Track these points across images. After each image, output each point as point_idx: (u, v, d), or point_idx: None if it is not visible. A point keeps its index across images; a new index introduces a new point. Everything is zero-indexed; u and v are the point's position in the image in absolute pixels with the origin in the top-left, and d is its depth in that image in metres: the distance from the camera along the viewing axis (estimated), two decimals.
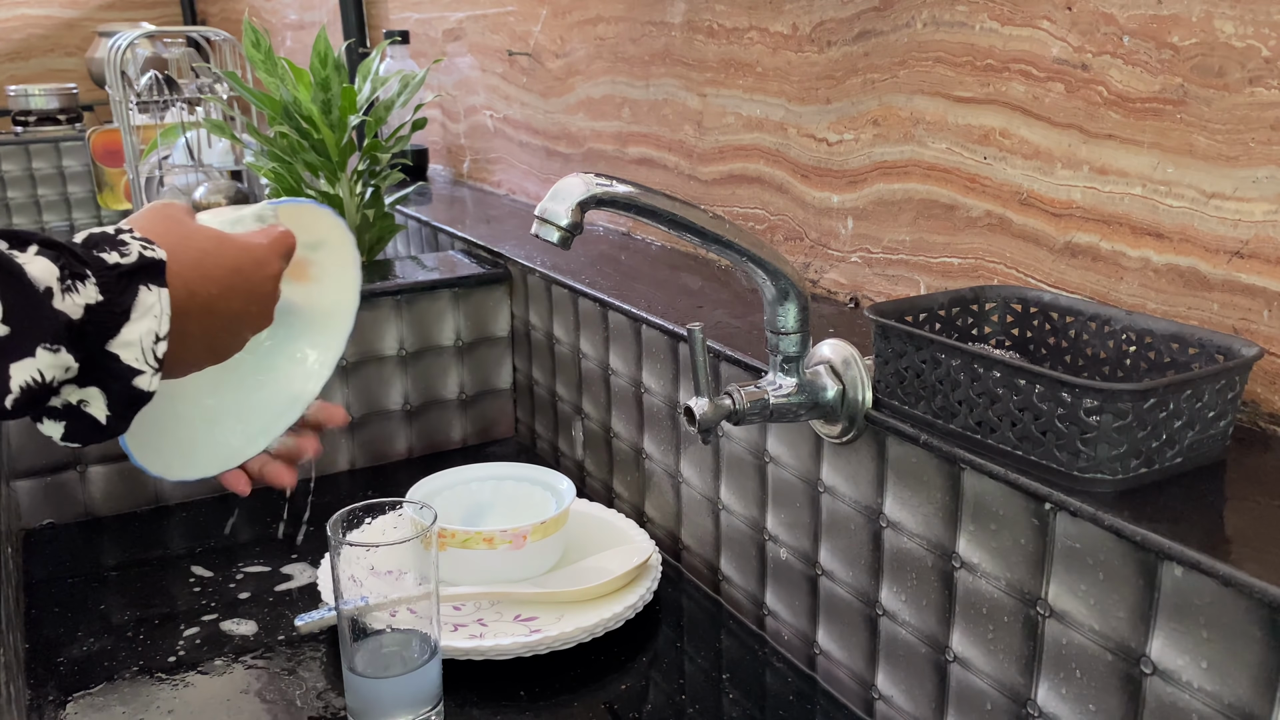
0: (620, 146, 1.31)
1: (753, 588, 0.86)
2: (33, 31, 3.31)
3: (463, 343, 1.22)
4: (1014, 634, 0.61)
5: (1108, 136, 0.71)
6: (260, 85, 1.29)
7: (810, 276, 1.00)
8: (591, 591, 0.86)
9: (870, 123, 0.90)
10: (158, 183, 1.79)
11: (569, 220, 0.61)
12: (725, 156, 1.11)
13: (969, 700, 0.66)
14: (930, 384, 0.64)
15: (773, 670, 0.82)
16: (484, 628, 0.83)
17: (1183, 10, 0.65)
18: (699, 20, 1.11)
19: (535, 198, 1.57)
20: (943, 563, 0.66)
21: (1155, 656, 0.53)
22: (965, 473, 0.63)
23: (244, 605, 0.90)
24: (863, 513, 0.72)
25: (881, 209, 0.91)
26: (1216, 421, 0.58)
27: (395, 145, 1.29)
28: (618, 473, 1.04)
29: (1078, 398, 0.55)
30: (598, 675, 0.81)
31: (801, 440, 0.77)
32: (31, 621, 0.88)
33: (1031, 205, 0.77)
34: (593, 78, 1.34)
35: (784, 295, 0.69)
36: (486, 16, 1.63)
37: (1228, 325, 0.65)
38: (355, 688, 0.71)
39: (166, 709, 0.76)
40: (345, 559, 0.69)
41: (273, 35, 2.80)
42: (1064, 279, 0.76)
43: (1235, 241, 0.64)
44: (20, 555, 0.98)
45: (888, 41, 0.87)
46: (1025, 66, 0.76)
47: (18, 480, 1.03)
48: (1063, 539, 0.57)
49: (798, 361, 0.71)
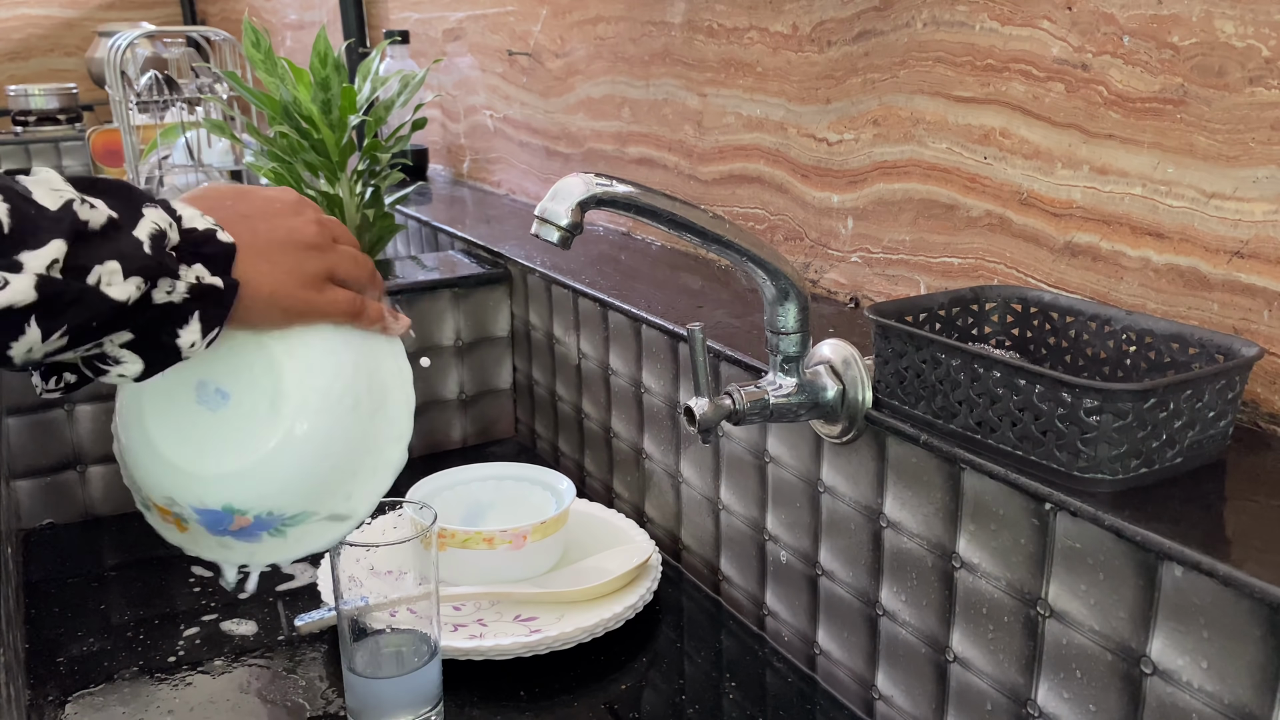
0: (620, 146, 1.31)
1: (753, 588, 0.86)
2: (33, 31, 3.31)
3: (463, 343, 1.22)
4: (1014, 634, 0.61)
5: (1108, 136, 0.71)
6: (260, 85, 1.29)
7: (810, 276, 1.00)
8: (591, 592, 0.85)
9: (870, 123, 0.90)
10: (158, 183, 1.79)
11: (569, 220, 0.61)
12: (725, 156, 1.11)
13: (969, 700, 0.66)
14: (930, 384, 0.64)
15: (773, 670, 0.82)
16: (484, 628, 0.83)
17: (1183, 10, 0.65)
18: (699, 20, 1.11)
19: (535, 197, 1.57)
20: (943, 563, 0.66)
21: (1155, 656, 0.53)
22: (965, 473, 0.63)
23: (244, 605, 0.90)
24: (863, 513, 0.72)
25: (881, 209, 0.91)
26: (1217, 421, 0.58)
27: (395, 145, 1.29)
28: (618, 473, 1.04)
29: (1078, 398, 0.55)
30: (598, 675, 0.81)
31: (801, 440, 0.77)
32: (31, 621, 0.88)
33: (1032, 205, 0.77)
34: (593, 77, 1.34)
35: (784, 295, 0.69)
36: (486, 16, 1.63)
37: (1228, 325, 0.65)
38: (355, 688, 0.71)
39: (166, 709, 0.76)
40: (345, 559, 0.69)
41: (272, 35, 2.80)
42: (1064, 279, 0.76)
43: (1235, 241, 0.64)
44: (20, 555, 0.98)
45: (888, 41, 0.87)
46: (1025, 66, 0.76)
47: (18, 480, 1.03)
48: (1063, 539, 0.57)
49: (798, 361, 0.71)
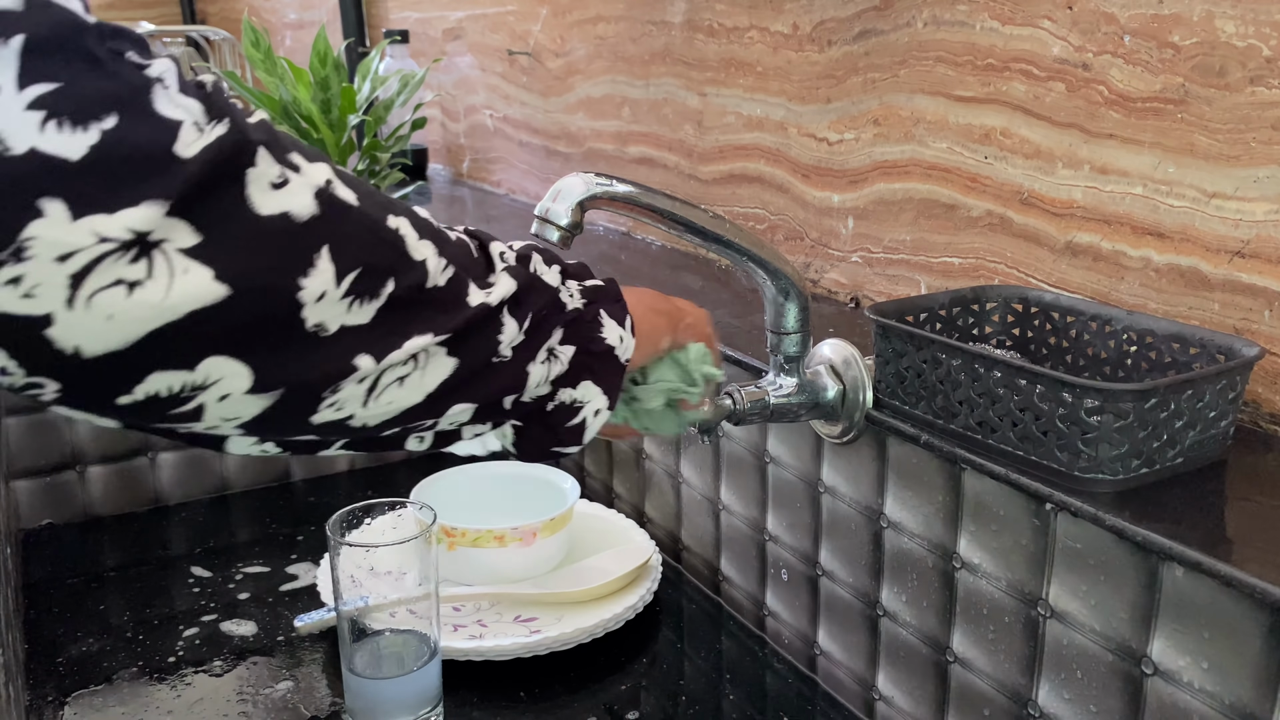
0: (620, 146, 1.31)
1: (753, 588, 0.86)
2: None
3: None
4: (1015, 635, 0.61)
5: (1109, 136, 0.71)
6: (260, 84, 1.29)
7: (811, 276, 1.00)
8: (591, 592, 0.85)
9: (871, 122, 0.90)
10: None
11: (569, 220, 0.61)
12: (725, 156, 1.11)
13: (970, 701, 0.66)
14: (931, 384, 0.64)
15: (773, 671, 0.81)
16: (484, 628, 0.83)
17: (1184, 10, 0.65)
18: (699, 19, 1.11)
19: (535, 197, 1.57)
20: (943, 563, 0.66)
21: (1156, 657, 0.53)
22: (966, 473, 0.63)
23: (243, 605, 0.89)
24: (863, 513, 0.72)
25: (882, 208, 0.91)
26: (1218, 422, 0.58)
27: (395, 145, 1.29)
28: (618, 473, 1.04)
29: (1079, 398, 0.55)
30: (598, 676, 0.80)
31: (802, 440, 0.77)
32: (30, 622, 0.87)
33: (1032, 205, 0.77)
34: (593, 77, 1.34)
35: (784, 295, 0.69)
36: (486, 16, 1.63)
37: (1229, 325, 0.65)
38: (355, 688, 0.71)
39: (165, 709, 0.76)
40: (345, 559, 0.69)
41: (272, 35, 2.79)
42: (1065, 279, 0.76)
43: (1236, 241, 0.64)
44: (19, 555, 0.98)
45: (888, 41, 0.87)
46: (1026, 66, 0.76)
47: (17, 480, 1.03)
48: (1064, 539, 0.57)
49: (798, 361, 0.71)
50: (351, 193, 0.44)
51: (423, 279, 0.47)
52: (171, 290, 0.37)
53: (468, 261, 0.51)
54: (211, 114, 0.39)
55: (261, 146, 0.40)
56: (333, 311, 0.43)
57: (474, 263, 0.51)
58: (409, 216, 0.48)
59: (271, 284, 0.40)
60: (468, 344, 0.50)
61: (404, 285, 0.45)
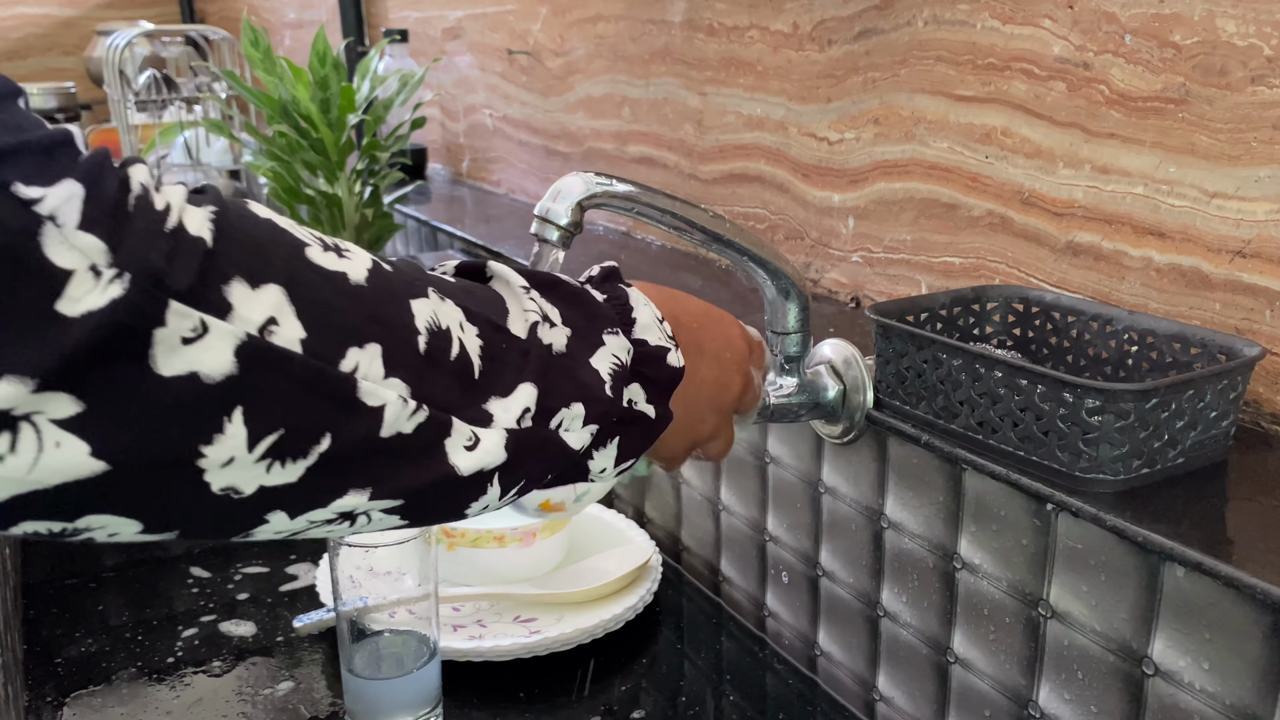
0: (620, 145, 1.30)
1: (753, 589, 0.86)
2: (30, 30, 3.31)
3: None
4: (1015, 635, 0.61)
5: (1109, 135, 0.71)
6: (259, 84, 1.29)
7: (811, 276, 1.00)
8: (591, 593, 0.85)
9: (871, 122, 0.90)
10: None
11: (569, 219, 0.61)
12: (726, 155, 1.11)
13: (970, 702, 0.65)
14: (932, 384, 0.64)
15: (773, 672, 0.81)
16: (484, 629, 0.83)
17: (1184, 9, 0.65)
18: (699, 19, 1.11)
19: (535, 197, 1.57)
20: (944, 563, 0.66)
21: (1157, 658, 0.53)
22: (967, 473, 0.63)
23: (242, 606, 0.89)
24: (864, 513, 0.72)
25: (882, 208, 0.91)
26: (1219, 422, 0.58)
27: (394, 144, 1.29)
28: None
29: (1080, 398, 0.55)
30: (597, 677, 0.80)
31: (802, 441, 0.77)
32: (29, 622, 0.87)
33: (1033, 205, 0.77)
34: (592, 76, 1.34)
35: (785, 295, 0.69)
36: (486, 15, 1.63)
37: (1230, 325, 0.65)
38: (354, 689, 0.71)
39: (165, 710, 0.76)
40: (344, 560, 0.69)
41: (271, 34, 2.79)
42: (1066, 279, 0.75)
43: (1237, 241, 0.64)
44: (18, 556, 0.98)
45: (889, 40, 0.87)
46: (1027, 65, 0.75)
47: None
48: (1064, 540, 0.57)
49: (799, 361, 0.71)
50: (299, 332, 0.36)
51: (373, 430, 0.39)
52: (38, 465, 0.32)
53: (521, 363, 0.44)
54: (119, 254, 0.32)
55: (174, 299, 0.33)
56: (246, 475, 0.37)
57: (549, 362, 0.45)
58: (452, 300, 0.42)
59: (161, 457, 0.35)
60: (424, 510, 0.43)
61: (343, 440, 0.38)
